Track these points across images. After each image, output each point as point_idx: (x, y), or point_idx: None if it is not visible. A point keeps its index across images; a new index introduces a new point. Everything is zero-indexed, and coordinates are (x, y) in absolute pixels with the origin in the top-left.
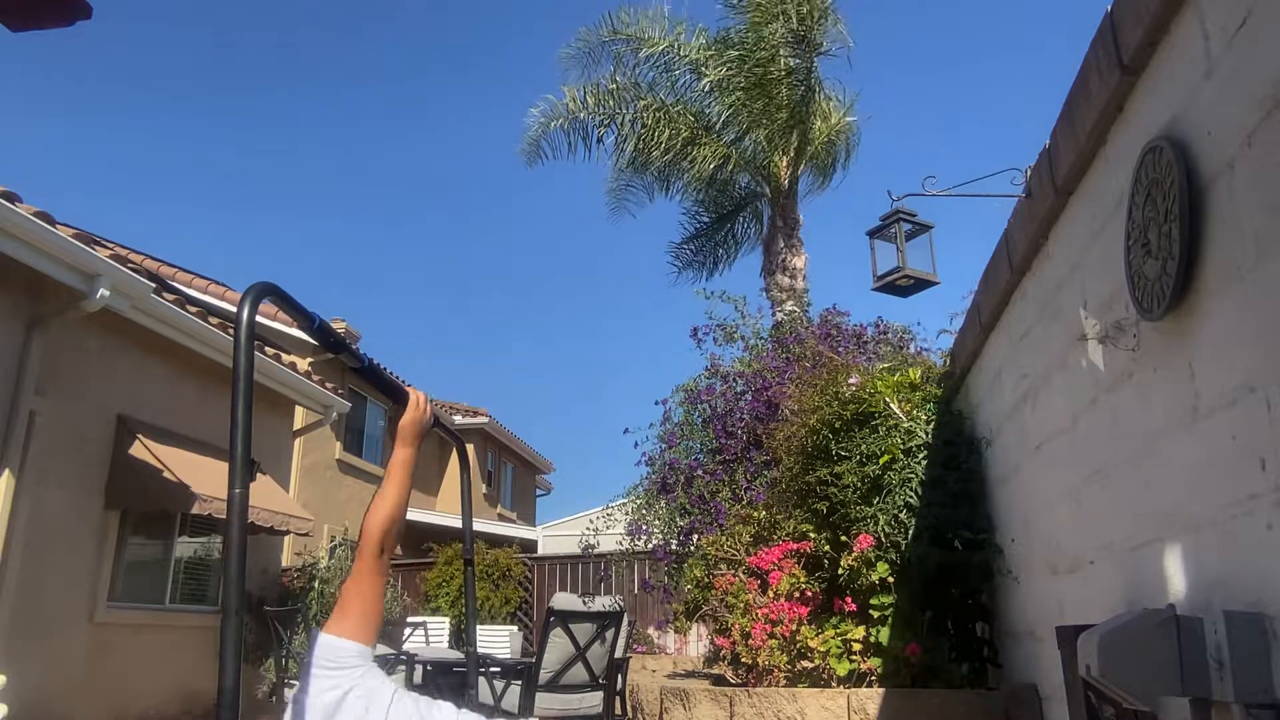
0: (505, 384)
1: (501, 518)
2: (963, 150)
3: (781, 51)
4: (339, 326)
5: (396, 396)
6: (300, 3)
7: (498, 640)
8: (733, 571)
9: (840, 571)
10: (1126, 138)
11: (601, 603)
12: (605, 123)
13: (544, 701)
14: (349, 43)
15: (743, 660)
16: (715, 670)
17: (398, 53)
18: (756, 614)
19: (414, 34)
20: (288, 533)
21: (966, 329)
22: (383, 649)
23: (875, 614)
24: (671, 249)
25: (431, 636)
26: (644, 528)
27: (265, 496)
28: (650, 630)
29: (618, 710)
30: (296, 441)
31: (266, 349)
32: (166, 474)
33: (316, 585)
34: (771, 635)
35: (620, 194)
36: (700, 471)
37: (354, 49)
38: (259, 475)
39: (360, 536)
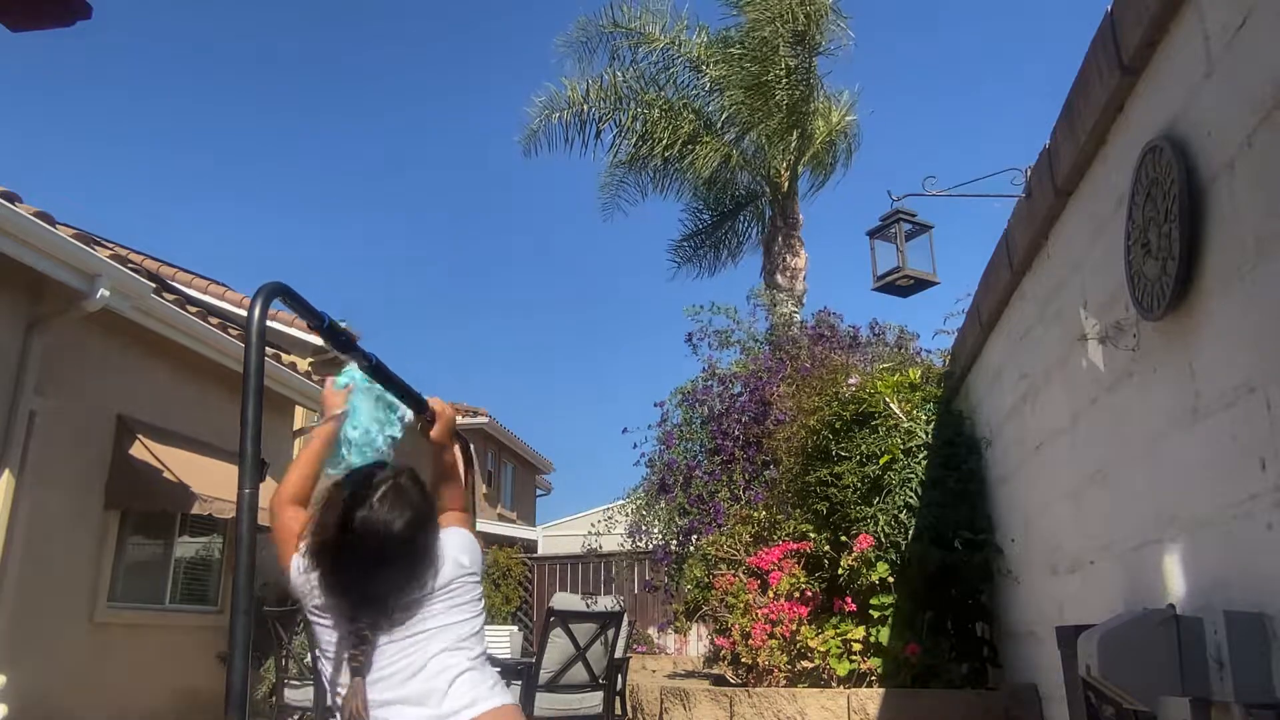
0: (505, 383)
1: (501, 518)
2: (963, 150)
3: (782, 51)
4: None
5: (407, 397)
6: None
7: (498, 640)
8: (733, 571)
9: (840, 571)
10: (1126, 138)
11: (601, 603)
12: (606, 117)
13: (544, 701)
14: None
15: (743, 660)
16: (715, 670)
17: (393, 46)
18: (756, 614)
19: (409, 29)
20: None
21: (966, 329)
22: None
23: (875, 614)
24: (671, 246)
25: None
26: (644, 528)
27: (265, 496)
28: (650, 630)
29: (618, 710)
30: (296, 441)
31: (266, 348)
32: (166, 474)
33: None
34: (771, 635)
35: (614, 190)
36: (699, 471)
37: (349, 46)
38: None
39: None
